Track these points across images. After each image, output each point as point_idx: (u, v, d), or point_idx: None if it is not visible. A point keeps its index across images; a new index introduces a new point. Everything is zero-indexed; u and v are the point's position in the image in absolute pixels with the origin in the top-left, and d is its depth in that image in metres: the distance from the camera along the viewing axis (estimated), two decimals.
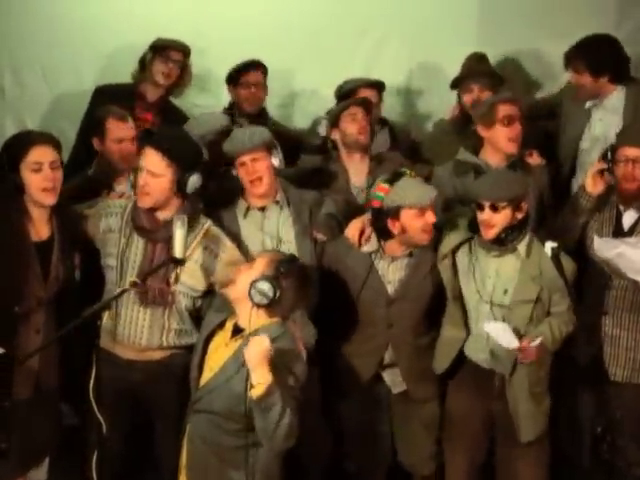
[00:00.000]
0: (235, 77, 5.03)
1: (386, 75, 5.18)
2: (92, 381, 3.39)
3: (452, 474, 4.13)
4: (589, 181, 4.08)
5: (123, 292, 3.58)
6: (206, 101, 5.23)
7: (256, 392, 3.27)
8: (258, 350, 3.28)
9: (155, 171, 3.77)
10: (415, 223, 3.90)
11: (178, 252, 3.61)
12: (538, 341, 3.75)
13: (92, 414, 3.44)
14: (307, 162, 4.50)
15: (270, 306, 3.42)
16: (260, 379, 3.27)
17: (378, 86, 5.00)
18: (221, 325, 3.64)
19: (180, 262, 3.65)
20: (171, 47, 4.89)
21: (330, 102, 5.02)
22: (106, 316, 3.57)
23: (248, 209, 4.14)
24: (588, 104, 4.77)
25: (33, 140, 3.66)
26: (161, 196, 3.81)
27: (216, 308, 3.80)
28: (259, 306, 3.41)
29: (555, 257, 3.68)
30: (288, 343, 3.46)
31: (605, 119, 4.72)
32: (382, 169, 4.50)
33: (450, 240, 4.00)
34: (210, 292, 3.92)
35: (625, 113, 4.67)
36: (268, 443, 3.38)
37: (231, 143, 4.12)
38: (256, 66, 5.02)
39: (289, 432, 3.33)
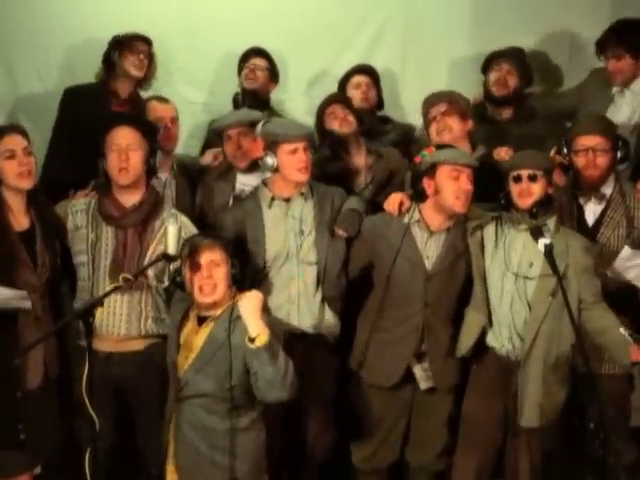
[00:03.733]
0: (241, 66, 5.12)
1: (382, 67, 5.22)
2: (85, 378, 3.38)
3: (461, 473, 4.13)
4: (555, 174, 4.13)
5: (116, 288, 3.59)
6: (199, 98, 5.24)
7: (262, 339, 3.44)
8: (253, 302, 3.50)
9: (133, 144, 3.90)
10: (449, 184, 3.94)
11: (171, 248, 3.65)
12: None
13: (84, 411, 3.44)
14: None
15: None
16: (258, 329, 3.45)
17: (366, 70, 5.07)
18: (184, 315, 3.78)
19: (173, 259, 3.69)
20: (135, 39, 4.88)
21: (326, 94, 4.98)
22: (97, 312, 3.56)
23: (273, 199, 4.14)
24: (615, 89, 4.81)
25: (2, 131, 3.81)
26: (139, 171, 3.94)
27: (178, 299, 3.87)
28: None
29: (549, 253, 3.68)
30: None
31: (632, 102, 4.77)
32: (380, 165, 4.56)
33: (479, 217, 4.04)
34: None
35: None
36: (280, 390, 3.51)
37: (287, 128, 4.12)
38: (258, 52, 5.12)
39: (295, 378, 3.51)
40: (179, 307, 3.82)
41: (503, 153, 4.48)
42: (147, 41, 4.91)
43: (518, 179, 3.92)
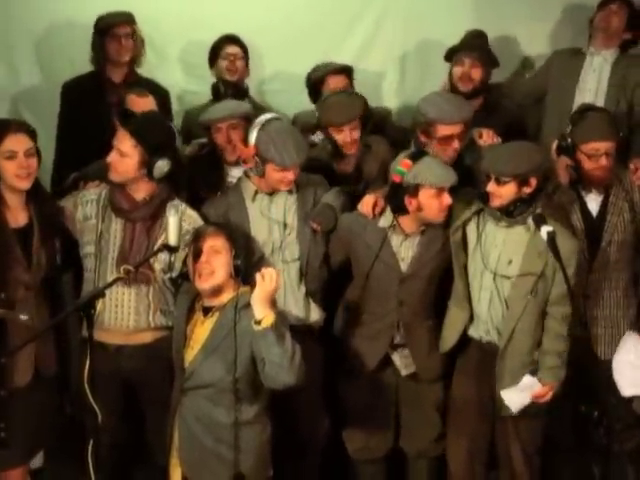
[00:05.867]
0: (215, 54, 5.06)
1: (381, 59, 5.23)
2: (86, 370, 3.38)
3: (454, 458, 4.15)
4: (562, 175, 4.13)
5: (117, 280, 3.58)
6: (196, 87, 5.21)
7: (268, 321, 3.45)
8: (268, 287, 3.48)
9: (123, 150, 3.84)
10: (432, 203, 3.92)
11: (172, 239, 3.64)
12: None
13: (87, 403, 3.44)
14: None
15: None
16: (264, 312, 3.47)
17: (346, 71, 4.94)
18: (190, 308, 3.78)
19: (174, 249, 3.69)
20: (115, 23, 4.87)
21: None
22: (99, 304, 3.57)
23: (256, 192, 4.12)
24: (586, 49, 4.91)
25: (7, 129, 3.72)
26: (127, 175, 3.87)
27: (184, 290, 3.87)
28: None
29: (551, 241, 3.68)
30: None
31: (598, 70, 4.85)
32: (369, 157, 4.47)
33: (461, 214, 4.01)
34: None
35: (612, 74, 4.83)
36: (288, 374, 3.49)
37: (283, 153, 3.95)
38: (232, 39, 5.06)
39: (302, 363, 3.50)
40: (185, 298, 3.83)
41: (485, 136, 4.42)
42: (127, 20, 4.89)
43: (488, 178, 3.89)
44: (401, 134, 4.77)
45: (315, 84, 4.92)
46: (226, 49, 5.06)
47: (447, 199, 3.92)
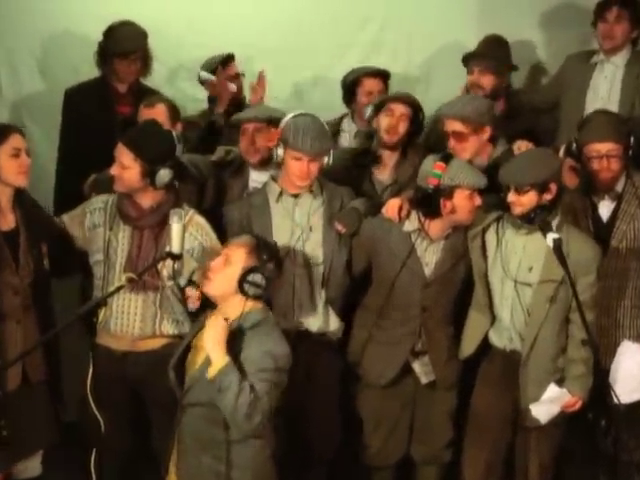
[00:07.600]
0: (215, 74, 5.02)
1: (385, 64, 5.13)
2: (89, 379, 3.37)
3: (471, 469, 4.11)
4: (567, 177, 4.10)
5: (119, 288, 3.55)
6: (202, 93, 5.15)
7: (210, 373, 3.34)
8: (214, 332, 3.36)
9: (124, 163, 3.85)
10: (466, 204, 3.94)
11: (175, 247, 3.61)
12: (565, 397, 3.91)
13: (90, 411, 3.42)
14: (338, 157, 4.33)
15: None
16: (216, 360, 3.34)
17: (382, 75, 4.94)
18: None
19: (177, 257, 3.65)
20: (131, 51, 4.85)
21: (330, 92, 5.06)
22: (102, 312, 3.55)
23: (281, 194, 4.11)
24: (595, 59, 4.89)
25: (9, 128, 3.82)
26: (132, 186, 3.88)
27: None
28: (253, 297, 3.46)
29: (557, 249, 3.64)
30: (268, 327, 3.48)
31: (610, 77, 4.84)
32: (404, 165, 4.47)
33: (480, 221, 4.01)
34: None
35: (626, 76, 4.81)
36: (231, 424, 3.39)
37: (302, 138, 3.97)
38: (232, 58, 5.03)
39: (249, 412, 3.32)
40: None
41: (524, 147, 4.39)
42: (141, 45, 4.88)
43: (508, 188, 3.87)
44: None
45: (350, 85, 4.93)
46: (229, 70, 5.00)
47: (478, 200, 3.95)
